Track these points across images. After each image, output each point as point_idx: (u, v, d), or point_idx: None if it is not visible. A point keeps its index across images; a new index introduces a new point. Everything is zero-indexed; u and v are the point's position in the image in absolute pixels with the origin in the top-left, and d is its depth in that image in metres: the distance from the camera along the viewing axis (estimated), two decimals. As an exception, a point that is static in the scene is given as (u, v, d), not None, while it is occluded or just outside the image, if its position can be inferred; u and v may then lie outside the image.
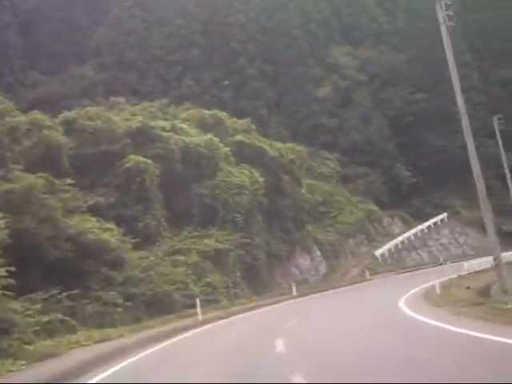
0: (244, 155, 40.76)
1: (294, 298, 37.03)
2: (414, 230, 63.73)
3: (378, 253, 57.31)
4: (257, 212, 39.56)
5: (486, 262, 44.29)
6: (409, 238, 62.62)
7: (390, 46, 79.94)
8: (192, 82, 74.38)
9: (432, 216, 68.12)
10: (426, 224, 65.75)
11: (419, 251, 62.73)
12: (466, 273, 39.95)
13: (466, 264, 41.18)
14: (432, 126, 76.48)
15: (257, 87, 74.23)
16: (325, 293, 40.20)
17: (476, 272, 39.54)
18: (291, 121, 72.74)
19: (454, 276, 36.95)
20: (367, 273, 50.68)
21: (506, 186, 75.29)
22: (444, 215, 68.11)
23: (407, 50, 78.73)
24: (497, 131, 53.97)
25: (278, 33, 78.43)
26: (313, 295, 38.84)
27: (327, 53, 79.47)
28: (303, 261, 50.44)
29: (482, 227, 73.05)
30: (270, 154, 42.17)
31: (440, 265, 59.42)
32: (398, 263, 59.09)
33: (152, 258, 29.10)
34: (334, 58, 78.23)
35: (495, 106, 80.00)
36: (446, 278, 35.36)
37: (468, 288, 27.93)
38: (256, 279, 38.82)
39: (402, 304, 22.45)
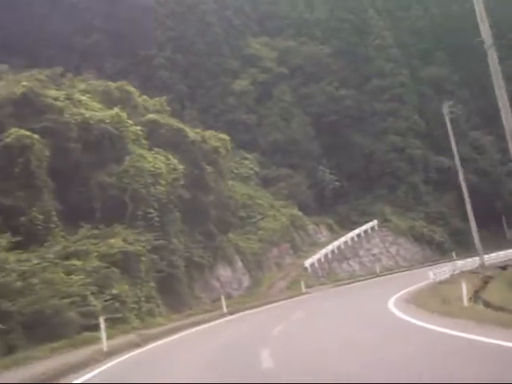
0: (159, 138, 33.56)
1: (224, 315, 30.05)
2: (343, 239, 58.39)
3: (307, 263, 51.31)
4: (175, 208, 32.34)
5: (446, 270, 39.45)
6: (339, 248, 57.15)
7: (311, 37, 75.00)
8: (92, 72, 65.85)
9: (359, 224, 63.24)
10: (356, 232, 60.67)
11: (351, 262, 57.37)
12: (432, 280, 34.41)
13: (431, 273, 35.66)
14: (358, 125, 72.13)
15: (167, 78, 66.82)
16: (260, 308, 33.55)
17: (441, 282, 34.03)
18: (206, 116, 65.73)
19: (415, 286, 31.29)
20: (303, 285, 44.42)
21: (439, 190, 72.05)
22: (374, 222, 63.35)
23: (331, 43, 74.17)
24: (447, 119, 49.75)
25: (190, 18, 71.59)
26: (247, 311, 32.15)
27: (245, 43, 73.46)
28: (224, 272, 43.48)
29: (413, 236, 69.36)
30: (191, 137, 35.16)
31: (377, 276, 54.62)
32: (329, 275, 53.35)
33: (36, 261, 21.25)
34: (253, 49, 72.32)
35: (425, 104, 77.05)
36: (413, 288, 29.76)
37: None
38: (173, 292, 31.48)
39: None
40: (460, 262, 45.75)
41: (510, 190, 77.52)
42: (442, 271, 38.16)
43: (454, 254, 65.78)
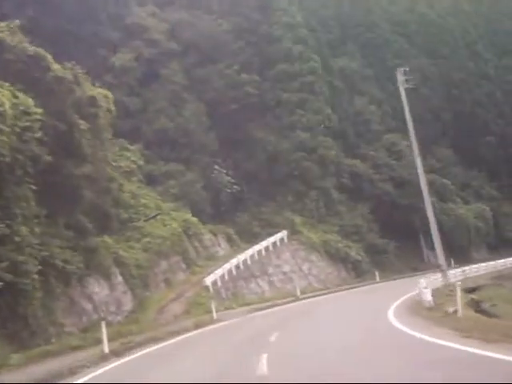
0: (2, 66, 21.55)
1: (107, 358, 18.38)
2: (250, 251, 47.85)
3: (208, 281, 40.16)
4: (25, 176, 20.44)
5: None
6: (245, 263, 46.53)
7: (207, 10, 64.63)
8: None
9: (261, 236, 53.10)
10: (264, 244, 50.42)
11: (259, 281, 46.87)
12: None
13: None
14: (261, 117, 62.41)
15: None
16: (161, 345, 22.14)
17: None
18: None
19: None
20: (214, 310, 33.17)
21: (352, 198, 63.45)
22: (283, 233, 53.45)
23: (230, 18, 64.17)
24: (402, 90, 41.52)
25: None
26: (148, 349, 20.72)
27: (128, 11, 61.84)
28: (99, 288, 31.48)
29: (327, 253, 60.07)
30: (58, 73, 23.29)
31: (297, 299, 44.58)
32: (235, 297, 42.47)
33: None
34: (138, 18, 60.80)
35: (337, 98, 68.77)
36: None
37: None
38: (17, 316, 19.40)
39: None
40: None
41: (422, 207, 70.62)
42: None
43: (377, 274, 57.44)
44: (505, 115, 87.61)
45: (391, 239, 63.54)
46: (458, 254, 72.09)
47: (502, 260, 62.09)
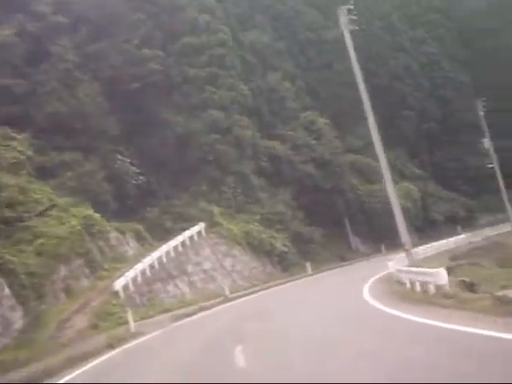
0: None
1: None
2: (165, 248, 42.45)
3: (118, 285, 34.54)
4: None
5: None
6: (161, 262, 41.10)
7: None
8: None
9: (174, 232, 47.69)
10: (180, 239, 45.09)
11: (178, 282, 41.55)
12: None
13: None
14: (168, 97, 56.85)
15: None
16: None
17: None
18: None
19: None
20: (131, 321, 27.65)
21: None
22: (201, 226, 48.33)
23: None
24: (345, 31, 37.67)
25: None
26: None
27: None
28: (-21, 306, 25.49)
29: (250, 245, 55.23)
30: None
31: (228, 300, 39.59)
32: (151, 302, 36.98)
33: None
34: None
35: (250, 74, 64.03)
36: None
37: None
38: None
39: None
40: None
41: (353, 184, 67.42)
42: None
43: (308, 266, 53.42)
44: (423, 88, 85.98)
45: (317, 226, 59.70)
46: (386, 239, 69.32)
47: (452, 238, 60.51)
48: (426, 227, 77.22)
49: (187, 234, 46.19)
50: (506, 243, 52.67)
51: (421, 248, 47.98)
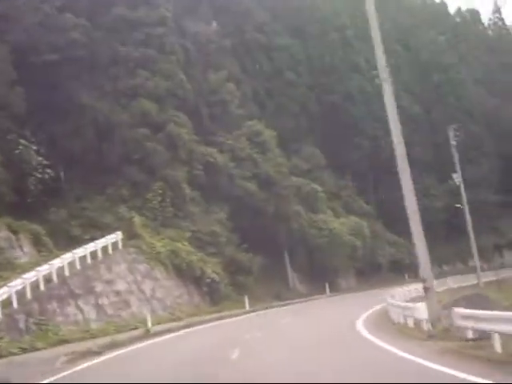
0: None
1: None
2: (69, 257, 32.63)
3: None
4: None
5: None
6: (61, 274, 31.27)
7: None
8: None
9: (81, 242, 37.96)
10: (91, 249, 35.36)
11: (81, 303, 31.75)
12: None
13: None
14: (90, 76, 47.26)
15: None
16: None
17: None
18: None
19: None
20: None
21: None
22: (117, 236, 38.79)
23: None
24: None
25: None
26: None
27: None
28: None
29: (176, 268, 45.54)
30: None
31: (149, 335, 29.93)
32: (41, 328, 27.09)
33: None
34: None
35: (190, 64, 55.22)
36: None
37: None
38: None
39: None
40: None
41: (297, 212, 59.37)
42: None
43: (246, 301, 44.71)
44: (376, 114, 79.69)
45: (254, 255, 51.14)
46: (326, 279, 61.58)
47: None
48: (367, 271, 70.01)
49: (100, 243, 36.54)
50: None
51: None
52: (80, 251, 34.01)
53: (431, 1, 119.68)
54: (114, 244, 38.23)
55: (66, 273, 31.88)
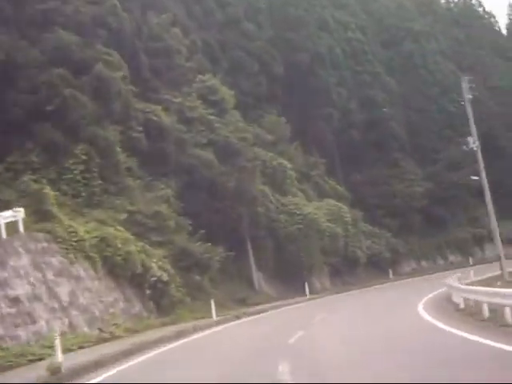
0: None
1: None
2: None
3: None
4: None
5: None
6: None
7: None
8: None
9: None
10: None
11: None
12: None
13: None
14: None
15: None
16: None
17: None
18: None
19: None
20: None
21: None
22: (18, 215, 26.20)
23: None
24: None
25: None
26: None
27: None
28: None
29: (107, 263, 30.94)
30: None
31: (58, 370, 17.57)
32: None
33: None
34: None
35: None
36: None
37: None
38: None
39: None
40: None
41: (264, 192, 47.82)
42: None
43: (213, 308, 32.60)
44: (347, 83, 69.05)
45: (214, 245, 39.16)
46: (298, 277, 50.35)
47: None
48: (343, 268, 59.00)
49: (-12, 223, 24.06)
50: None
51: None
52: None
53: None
54: (12, 226, 25.80)
55: None
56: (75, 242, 29.04)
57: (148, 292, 32.21)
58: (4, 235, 24.80)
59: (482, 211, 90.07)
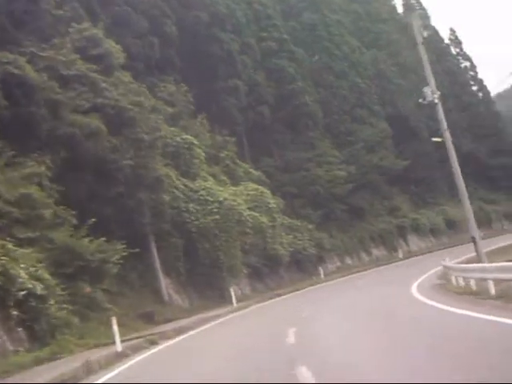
0: None
1: None
2: None
3: None
4: None
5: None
6: None
7: None
8: None
9: None
10: None
11: None
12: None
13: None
14: None
15: None
16: None
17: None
18: None
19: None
20: None
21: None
22: None
23: None
24: None
25: None
26: None
27: None
28: None
29: None
30: None
31: None
32: None
33: None
34: None
35: None
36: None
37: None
38: None
39: None
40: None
41: (168, 176, 38.00)
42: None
43: (116, 331, 22.28)
44: (252, 50, 60.11)
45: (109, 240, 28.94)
46: (215, 283, 40.95)
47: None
48: (263, 269, 49.74)
49: None
50: None
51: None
52: None
53: None
54: None
55: None
56: None
57: (14, 313, 21.71)
58: None
59: (401, 199, 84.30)
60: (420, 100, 34.44)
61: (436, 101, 34.40)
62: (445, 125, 34.74)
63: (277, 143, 61.92)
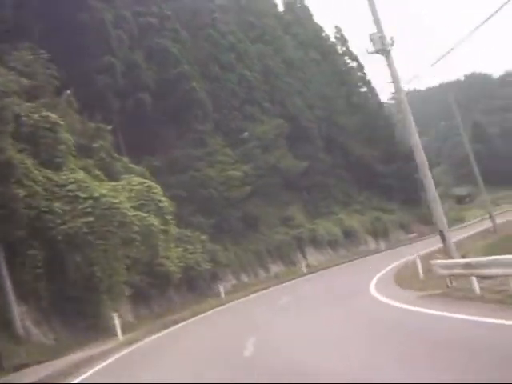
0: None
1: None
2: None
3: None
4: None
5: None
6: None
7: None
8: None
9: None
10: None
11: None
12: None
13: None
14: None
15: None
16: None
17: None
18: None
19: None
20: None
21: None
22: None
23: None
24: None
25: None
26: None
27: None
28: None
29: None
30: None
31: None
32: None
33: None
34: None
35: None
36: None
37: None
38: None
39: None
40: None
41: (20, 161, 27.88)
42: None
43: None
44: (127, 24, 50.72)
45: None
46: (85, 310, 31.32)
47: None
48: (149, 289, 40.24)
49: None
50: None
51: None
52: None
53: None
54: None
55: None
56: None
57: None
58: None
59: (295, 207, 76.87)
60: (366, 49, 26.87)
61: (389, 47, 26.87)
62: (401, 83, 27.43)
63: (160, 137, 52.59)
